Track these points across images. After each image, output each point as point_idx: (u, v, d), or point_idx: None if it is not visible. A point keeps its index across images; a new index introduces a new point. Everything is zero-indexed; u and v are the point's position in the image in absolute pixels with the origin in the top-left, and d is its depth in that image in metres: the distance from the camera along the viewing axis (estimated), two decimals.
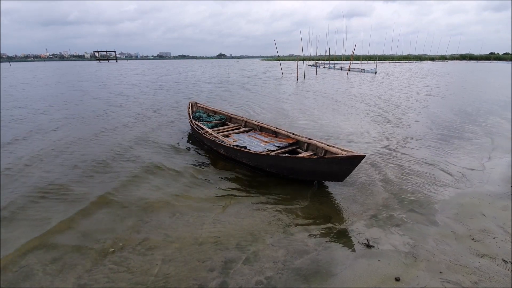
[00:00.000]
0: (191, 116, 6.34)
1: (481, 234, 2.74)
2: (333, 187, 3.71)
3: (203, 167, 4.42)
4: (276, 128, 5.18)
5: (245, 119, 6.05)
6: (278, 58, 31.81)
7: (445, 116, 8.03)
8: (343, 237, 2.71)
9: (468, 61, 73.25)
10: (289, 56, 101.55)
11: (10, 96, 11.95)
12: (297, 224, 2.90)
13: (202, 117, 6.57)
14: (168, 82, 19.18)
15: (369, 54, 62.07)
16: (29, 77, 23.67)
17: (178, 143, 5.61)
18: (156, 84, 17.38)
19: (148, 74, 28.08)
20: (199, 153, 5.02)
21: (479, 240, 2.65)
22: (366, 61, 51.28)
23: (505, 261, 2.36)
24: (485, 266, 2.31)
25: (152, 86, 16.20)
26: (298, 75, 21.25)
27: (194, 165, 4.49)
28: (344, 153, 3.44)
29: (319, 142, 4.15)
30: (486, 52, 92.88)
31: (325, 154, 3.86)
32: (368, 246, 2.55)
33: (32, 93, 13.04)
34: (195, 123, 5.81)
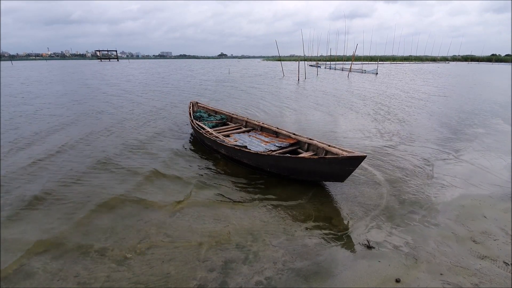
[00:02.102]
0: (192, 116, 6.33)
1: (482, 236, 2.73)
2: (333, 187, 3.70)
3: (203, 167, 4.41)
4: (277, 128, 5.18)
5: (246, 119, 6.04)
6: (279, 59, 31.83)
7: (446, 117, 8.01)
8: (343, 237, 2.70)
9: (470, 62, 73.11)
10: (290, 56, 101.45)
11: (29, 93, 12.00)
12: (297, 225, 2.89)
13: (203, 117, 6.56)
14: (173, 81, 19.19)
15: (370, 55, 61.97)
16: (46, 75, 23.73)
17: (178, 143, 5.60)
18: (160, 83, 17.39)
19: (152, 73, 28.10)
20: (199, 153, 5.01)
21: (480, 242, 2.64)
22: (367, 62, 51.23)
23: (506, 263, 2.35)
24: (486, 268, 2.30)
25: (156, 85, 16.21)
26: (299, 75, 21.24)
27: (195, 165, 4.48)
28: (345, 154, 3.44)
29: (320, 142, 4.15)
30: (487, 53, 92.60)
31: (326, 154, 3.86)
32: (369, 247, 2.55)
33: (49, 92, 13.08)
34: (196, 123, 5.81)
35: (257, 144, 4.67)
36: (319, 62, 43.62)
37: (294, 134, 4.79)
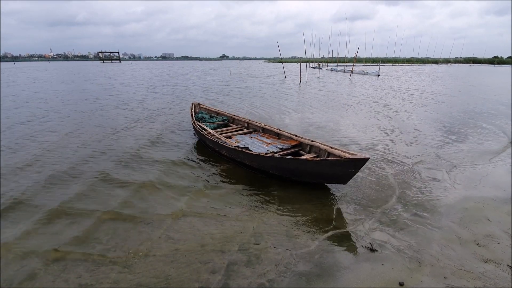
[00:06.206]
0: (193, 117, 6.34)
1: (486, 239, 2.71)
2: (336, 189, 3.69)
3: (205, 168, 4.41)
4: (279, 129, 5.17)
5: (247, 120, 6.04)
6: (281, 60, 31.86)
7: (450, 117, 7.98)
8: (346, 240, 2.69)
9: (472, 64, 72.94)
10: (292, 58, 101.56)
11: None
12: (299, 227, 2.88)
13: (204, 118, 6.56)
14: (174, 82, 19.24)
15: (372, 56, 61.99)
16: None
17: (179, 144, 5.61)
18: (165, 84, 17.45)
19: (156, 73, 28.21)
20: (201, 154, 5.01)
21: (484, 245, 2.62)
22: (369, 64, 51.21)
23: (510, 267, 2.33)
24: (490, 272, 2.28)
25: (160, 86, 16.27)
26: (301, 77, 21.25)
27: (196, 166, 4.48)
28: (348, 156, 3.42)
29: (322, 144, 4.13)
30: (489, 55, 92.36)
31: (328, 156, 3.85)
32: (372, 250, 2.53)
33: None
34: (198, 124, 5.81)
35: (259, 145, 4.67)
36: (321, 64, 43.65)
37: (296, 135, 4.78)
